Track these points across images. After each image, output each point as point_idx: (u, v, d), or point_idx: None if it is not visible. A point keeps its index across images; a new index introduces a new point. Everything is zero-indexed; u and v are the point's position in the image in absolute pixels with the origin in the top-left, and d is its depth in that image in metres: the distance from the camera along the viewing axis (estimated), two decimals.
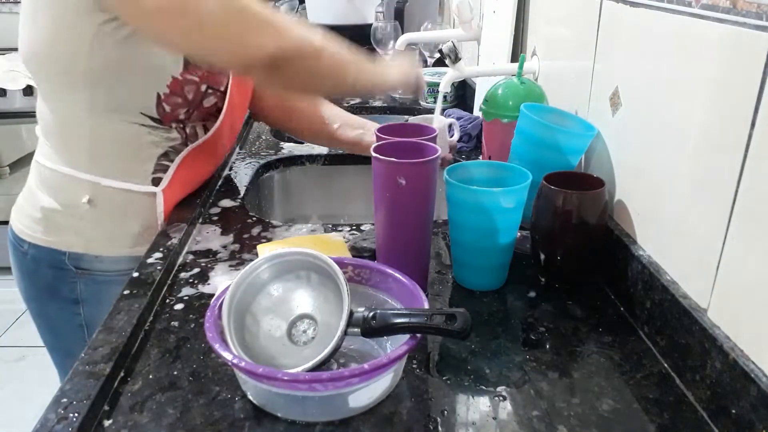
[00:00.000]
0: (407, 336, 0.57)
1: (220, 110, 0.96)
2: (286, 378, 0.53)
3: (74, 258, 0.92)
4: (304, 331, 0.63)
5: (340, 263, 0.64)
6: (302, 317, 0.64)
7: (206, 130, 0.97)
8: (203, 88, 0.91)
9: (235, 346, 0.58)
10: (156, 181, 0.92)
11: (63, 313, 0.96)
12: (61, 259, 0.92)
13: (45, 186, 0.92)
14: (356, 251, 0.88)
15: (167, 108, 0.88)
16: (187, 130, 0.94)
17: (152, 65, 0.84)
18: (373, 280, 0.68)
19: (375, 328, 0.58)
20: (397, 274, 0.66)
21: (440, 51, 1.13)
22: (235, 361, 0.55)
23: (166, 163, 0.92)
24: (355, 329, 0.58)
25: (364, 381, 0.55)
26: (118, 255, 0.92)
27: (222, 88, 0.94)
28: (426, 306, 0.61)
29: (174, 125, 0.91)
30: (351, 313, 0.59)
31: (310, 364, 0.56)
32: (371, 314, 0.58)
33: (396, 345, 0.59)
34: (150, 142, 0.90)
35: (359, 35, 1.91)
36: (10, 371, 2.16)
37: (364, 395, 0.57)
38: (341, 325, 0.58)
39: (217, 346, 0.55)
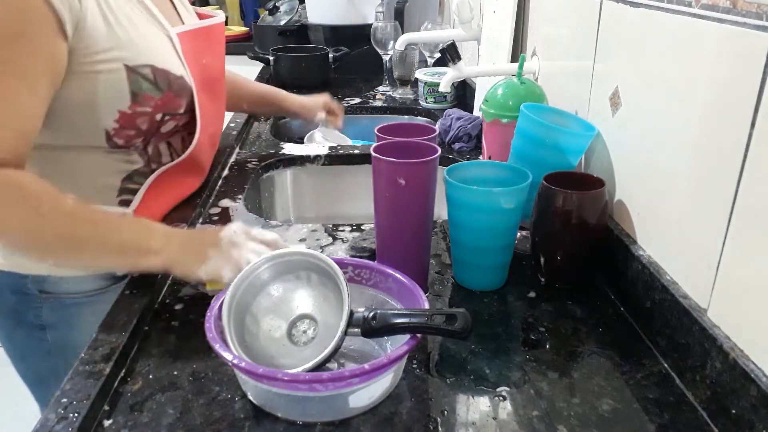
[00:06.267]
0: (407, 336, 0.57)
1: (183, 128, 0.89)
2: (286, 378, 0.53)
3: (37, 281, 0.85)
4: (304, 332, 0.63)
5: (340, 263, 0.64)
6: (302, 317, 0.64)
7: (170, 146, 0.89)
8: (159, 116, 0.82)
9: (235, 346, 0.58)
10: (124, 203, 0.86)
11: (30, 339, 0.90)
12: (23, 282, 0.85)
13: None
14: (356, 251, 0.88)
15: (119, 141, 0.81)
16: (149, 151, 0.86)
17: (93, 103, 0.76)
18: (373, 280, 0.68)
19: (375, 328, 0.58)
20: (397, 274, 0.66)
21: (441, 51, 1.13)
22: (235, 361, 0.55)
23: (132, 186, 0.86)
24: (355, 329, 0.58)
25: (364, 381, 0.55)
26: (84, 274, 0.86)
27: (181, 110, 0.85)
28: (426, 306, 0.61)
29: (132, 149, 0.84)
30: (351, 313, 0.59)
31: (310, 365, 0.56)
32: (371, 314, 0.58)
33: (396, 345, 0.59)
34: (107, 165, 0.83)
35: (359, 35, 1.92)
36: (9, 371, 2.16)
37: (365, 395, 0.57)
38: (341, 325, 0.58)
39: (217, 346, 0.55)
